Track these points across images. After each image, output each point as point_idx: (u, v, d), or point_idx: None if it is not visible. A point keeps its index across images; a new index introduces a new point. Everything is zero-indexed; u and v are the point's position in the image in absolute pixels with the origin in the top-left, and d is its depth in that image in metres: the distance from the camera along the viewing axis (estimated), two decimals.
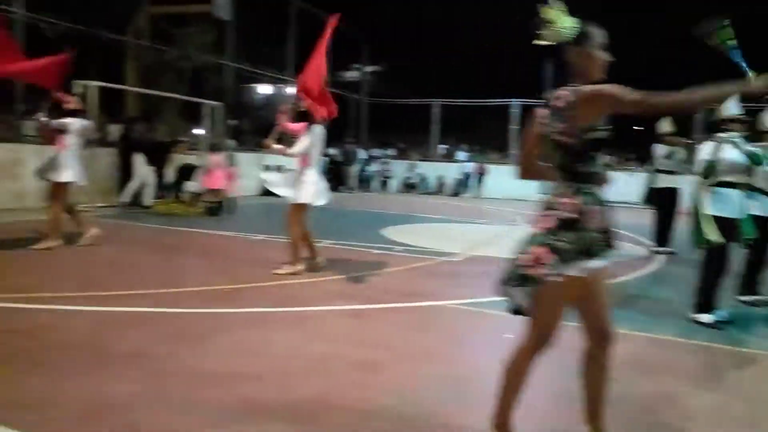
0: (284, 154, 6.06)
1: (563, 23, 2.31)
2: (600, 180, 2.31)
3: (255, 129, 18.65)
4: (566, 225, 2.24)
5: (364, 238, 8.57)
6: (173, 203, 10.83)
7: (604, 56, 2.35)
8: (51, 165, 6.57)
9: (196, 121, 13.36)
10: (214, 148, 11.36)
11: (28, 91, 9.17)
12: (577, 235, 2.23)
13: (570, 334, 2.46)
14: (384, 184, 21.29)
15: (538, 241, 2.27)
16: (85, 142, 6.82)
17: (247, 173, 15.13)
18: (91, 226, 6.97)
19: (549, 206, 2.31)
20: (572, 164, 2.29)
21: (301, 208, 5.88)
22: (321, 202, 5.96)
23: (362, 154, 20.91)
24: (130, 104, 12.04)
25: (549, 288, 2.26)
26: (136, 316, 4.31)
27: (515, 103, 20.33)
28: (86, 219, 7.16)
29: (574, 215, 2.24)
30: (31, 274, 5.45)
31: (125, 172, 10.70)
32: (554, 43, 2.36)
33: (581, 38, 2.32)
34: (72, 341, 3.64)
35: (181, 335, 3.89)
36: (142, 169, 10.69)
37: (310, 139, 5.79)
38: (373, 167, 21.22)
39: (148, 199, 10.76)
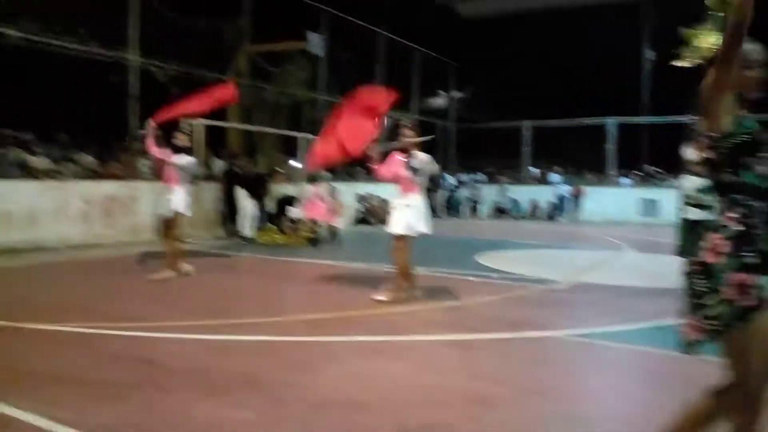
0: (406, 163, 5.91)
1: (707, 42, 2.15)
2: (756, 191, 2.08)
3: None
4: (739, 240, 2.03)
5: (459, 265, 8.46)
6: (275, 234, 11.21)
7: (757, 74, 2.13)
8: (164, 199, 7.07)
9: (293, 154, 13.85)
10: (312, 179, 11.68)
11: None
12: (753, 248, 2.02)
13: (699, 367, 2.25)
14: (474, 209, 21.08)
15: (730, 268, 2.03)
16: (191, 177, 7.25)
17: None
18: (186, 261, 7.29)
19: (714, 229, 2.10)
20: (719, 177, 2.11)
21: (407, 238, 5.83)
22: (429, 231, 5.89)
23: (450, 179, 20.84)
24: (233, 139, 12.67)
25: (762, 320, 2.00)
26: (249, 344, 4.45)
27: (611, 122, 19.64)
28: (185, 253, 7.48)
29: (740, 227, 2.04)
30: (149, 303, 5.76)
31: (230, 205, 11.21)
32: (695, 65, 2.19)
33: None
34: (192, 368, 3.79)
35: (293, 363, 3.96)
36: (244, 201, 11.15)
37: (423, 165, 5.77)
38: (462, 192, 21.10)
39: (251, 230, 11.18)
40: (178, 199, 6.95)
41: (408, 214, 5.77)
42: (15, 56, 9.08)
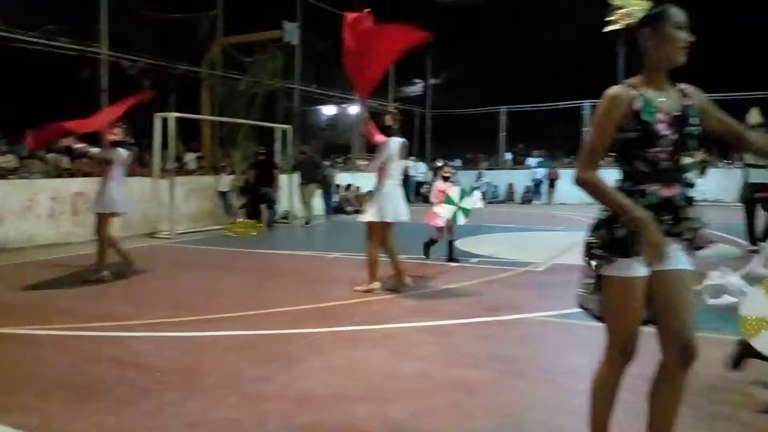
0: (365, 170, 6.04)
1: (633, 4, 2.16)
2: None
3: (322, 150, 18.95)
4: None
5: (438, 251, 8.46)
6: (247, 225, 11.10)
7: (682, 37, 2.08)
8: (97, 197, 6.59)
9: (268, 145, 13.69)
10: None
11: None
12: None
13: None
14: None
15: None
16: (125, 172, 6.77)
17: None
18: (131, 256, 6.91)
19: None
20: None
21: (379, 225, 5.80)
22: (402, 218, 5.85)
23: (422, 167, 20.72)
24: (206, 132, 12.46)
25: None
26: (227, 339, 4.38)
27: (587, 104, 19.73)
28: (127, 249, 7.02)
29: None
30: (120, 302, 5.65)
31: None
32: (625, 27, 2.20)
33: (653, 18, 2.11)
34: (169, 367, 3.72)
35: (273, 357, 3.92)
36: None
37: (387, 153, 5.75)
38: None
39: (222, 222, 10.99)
40: (109, 196, 6.46)
41: (379, 201, 5.75)
42: None
